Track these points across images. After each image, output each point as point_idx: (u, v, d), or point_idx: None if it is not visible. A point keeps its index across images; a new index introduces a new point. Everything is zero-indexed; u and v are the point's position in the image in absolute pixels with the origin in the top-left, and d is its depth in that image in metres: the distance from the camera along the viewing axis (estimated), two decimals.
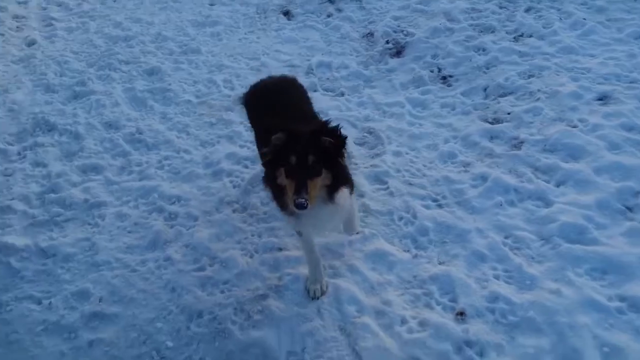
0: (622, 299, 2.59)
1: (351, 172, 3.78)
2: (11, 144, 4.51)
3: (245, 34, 6.00)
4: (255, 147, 3.42)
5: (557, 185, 3.34)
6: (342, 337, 2.65)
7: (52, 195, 3.86)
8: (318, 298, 2.83)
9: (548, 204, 3.21)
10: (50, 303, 3.05)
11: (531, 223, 3.12)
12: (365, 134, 4.24)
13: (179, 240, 3.40)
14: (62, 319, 2.96)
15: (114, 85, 5.23)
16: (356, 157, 3.97)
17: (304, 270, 3.01)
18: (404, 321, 2.70)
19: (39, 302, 3.08)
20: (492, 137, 3.90)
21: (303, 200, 2.18)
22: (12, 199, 3.86)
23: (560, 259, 2.86)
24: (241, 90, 4.95)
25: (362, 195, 3.53)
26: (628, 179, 3.21)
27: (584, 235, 2.95)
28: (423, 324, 2.67)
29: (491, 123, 4.05)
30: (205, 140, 4.38)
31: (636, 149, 3.44)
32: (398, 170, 3.73)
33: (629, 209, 3.06)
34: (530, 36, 4.94)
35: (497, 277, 2.86)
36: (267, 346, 2.68)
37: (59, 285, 3.17)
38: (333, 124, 2.31)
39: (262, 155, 2.49)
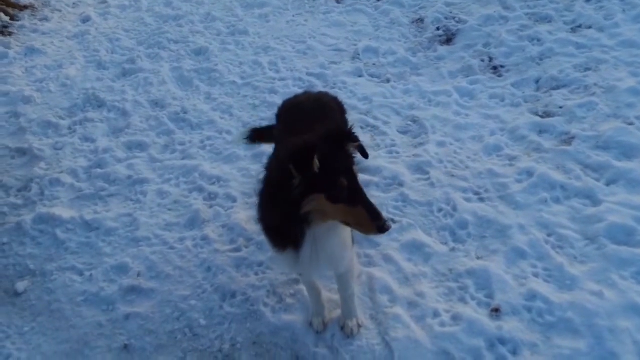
0: None
1: (392, 160, 3.78)
2: (62, 119, 4.68)
3: (293, 16, 5.99)
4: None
5: (608, 184, 3.17)
6: (373, 326, 2.63)
7: (99, 170, 3.99)
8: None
9: (596, 203, 3.06)
10: (91, 275, 3.17)
11: (576, 222, 2.98)
12: (409, 123, 4.17)
13: (217, 220, 3.45)
14: (101, 291, 3.07)
15: (162, 64, 5.34)
16: (398, 146, 3.90)
17: None
18: (436, 314, 2.65)
19: (81, 274, 3.20)
20: (541, 131, 3.75)
21: (388, 221, 1.90)
22: (62, 172, 4.01)
23: (605, 261, 2.73)
24: (286, 73, 4.99)
25: (401, 185, 3.48)
26: None
27: (633, 237, 2.81)
28: (456, 318, 2.62)
29: (541, 117, 3.89)
30: (248, 122, 4.40)
31: None
32: (440, 161, 3.64)
33: None
34: (590, 27, 4.69)
35: (536, 275, 2.77)
36: (297, 330, 2.69)
37: (100, 258, 3.28)
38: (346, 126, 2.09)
39: (284, 186, 1.91)
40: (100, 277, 3.16)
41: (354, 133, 2.03)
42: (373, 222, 1.88)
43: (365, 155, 2.14)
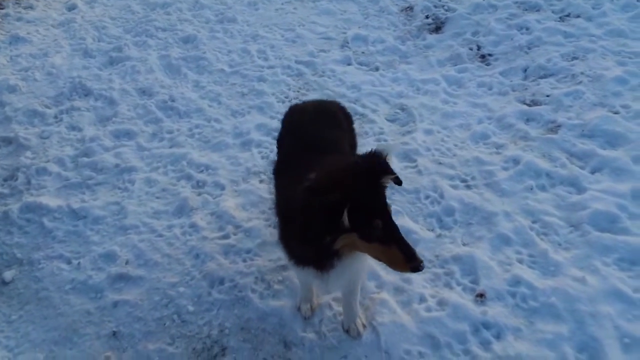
0: None
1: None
2: (49, 107, 4.64)
3: (282, 4, 5.95)
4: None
5: (592, 172, 3.22)
6: (360, 312, 2.66)
7: (85, 159, 3.96)
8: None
9: (580, 190, 3.11)
10: (79, 263, 3.17)
11: (561, 209, 3.03)
12: (398, 111, 4.18)
13: (205, 208, 3.45)
14: (89, 279, 3.07)
15: (150, 52, 5.29)
16: (387, 133, 3.92)
17: None
18: (422, 299, 2.69)
19: (69, 262, 3.20)
20: (528, 120, 3.78)
21: (423, 262, 1.86)
22: (48, 161, 3.98)
23: (588, 247, 2.78)
24: (275, 61, 4.97)
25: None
26: None
27: (616, 225, 2.86)
28: (442, 303, 2.65)
29: (528, 105, 3.92)
30: (236, 110, 4.39)
31: None
32: (428, 149, 3.66)
33: None
34: (578, 17, 4.72)
35: (520, 262, 2.81)
36: (285, 316, 2.72)
37: (87, 246, 3.28)
38: (378, 153, 1.92)
39: (313, 230, 1.85)
40: (88, 265, 3.16)
41: (389, 165, 1.90)
42: (407, 263, 1.84)
43: (399, 182, 1.99)
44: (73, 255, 3.23)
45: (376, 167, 1.88)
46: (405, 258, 1.83)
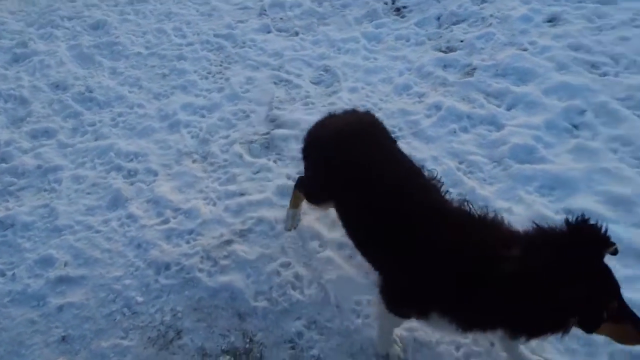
0: (568, 211, 2.70)
1: (309, 111, 3.81)
2: None
3: None
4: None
5: (508, 109, 3.40)
6: (307, 273, 2.73)
7: (3, 165, 3.74)
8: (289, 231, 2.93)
9: (499, 127, 3.28)
10: (14, 274, 3.03)
11: (483, 147, 3.19)
12: (321, 73, 4.21)
13: (140, 196, 3.38)
14: (27, 288, 2.94)
15: (58, 43, 5.01)
16: (313, 96, 3.94)
17: (266, 212, 3.06)
18: None
19: (3, 274, 3.05)
20: (445, 66, 3.91)
21: None
22: None
23: (511, 179, 2.96)
24: (193, 37, 4.85)
25: None
26: (574, 98, 3.29)
27: (533, 155, 3.05)
28: None
29: (444, 52, 4.05)
30: (159, 92, 4.28)
31: (583, 68, 3.51)
32: (354, 106, 3.72)
33: (575, 126, 3.16)
34: None
35: None
36: (235, 289, 2.74)
37: (20, 255, 3.13)
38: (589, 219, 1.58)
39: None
40: (24, 274, 3.03)
41: (609, 235, 1.58)
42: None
43: (615, 253, 1.63)
44: (6, 267, 3.09)
45: (599, 239, 1.58)
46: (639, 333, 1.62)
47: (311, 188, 2.66)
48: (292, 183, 3.19)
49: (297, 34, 4.75)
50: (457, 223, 1.82)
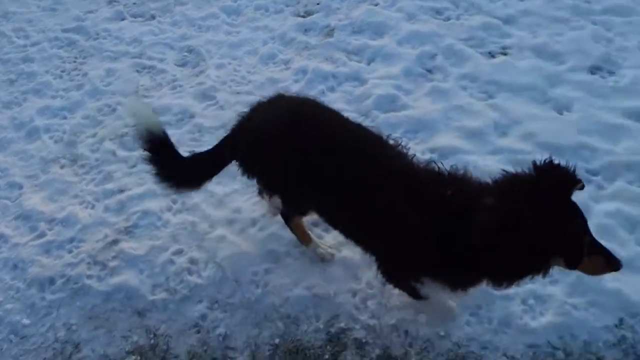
0: (432, 150, 2.94)
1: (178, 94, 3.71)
2: None
3: None
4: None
5: (368, 63, 3.56)
6: (201, 255, 2.71)
7: None
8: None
9: (363, 82, 3.43)
10: None
11: (351, 103, 3.32)
12: (185, 54, 4.10)
13: (6, 214, 3.11)
14: None
15: None
16: (180, 79, 3.84)
17: (150, 204, 2.97)
18: (254, 222, 2.80)
19: None
20: (306, 30, 3.98)
21: (620, 261, 1.70)
22: None
23: (379, 129, 3.11)
24: (39, 36, 4.48)
25: (192, 116, 3.48)
26: (425, 44, 3.53)
27: (395, 103, 3.23)
28: (271, 219, 2.79)
29: (303, 16, 4.12)
30: (9, 100, 3.94)
31: (429, 15, 3.78)
32: (224, 82, 3.70)
33: (429, 71, 3.41)
34: None
35: None
36: (130, 288, 2.65)
37: None
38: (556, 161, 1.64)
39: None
40: None
41: (576, 173, 1.64)
42: (609, 268, 1.70)
43: (582, 187, 1.69)
44: None
45: (567, 179, 1.63)
46: (609, 266, 1.69)
47: (297, 198, 2.31)
48: None
49: (153, 17, 4.55)
50: (429, 185, 1.81)
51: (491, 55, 3.44)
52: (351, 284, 2.50)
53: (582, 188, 1.65)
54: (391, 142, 2.04)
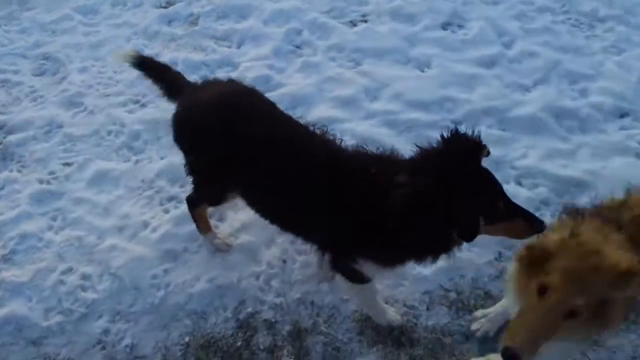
0: (312, 124, 2.93)
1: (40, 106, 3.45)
2: None
3: None
4: None
5: (239, 47, 3.56)
6: (93, 269, 2.59)
7: None
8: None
9: (235, 66, 3.43)
10: None
11: None
12: (42, 61, 3.83)
13: None
14: None
15: None
16: (40, 89, 3.57)
17: (27, 226, 2.76)
18: (146, 225, 2.73)
19: None
20: (170, 21, 3.89)
21: (543, 221, 1.74)
22: None
23: None
24: None
25: (61, 126, 3.27)
26: (290, 21, 3.61)
27: (270, 83, 3.27)
28: (162, 218, 2.73)
29: (165, 7, 4.03)
30: None
31: None
32: (90, 87, 3.52)
33: (298, 47, 3.49)
34: None
35: None
36: (19, 318, 2.46)
37: None
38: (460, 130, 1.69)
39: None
40: None
41: (480, 140, 1.68)
42: (531, 230, 1.71)
43: (488, 153, 1.75)
44: None
45: (473, 146, 1.66)
46: (530, 227, 1.71)
47: (210, 188, 2.32)
48: (47, 186, 2.94)
49: None
50: (356, 166, 1.83)
51: (353, 24, 3.59)
52: (253, 267, 2.53)
53: (488, 154, 1.72)
54: (317, 130, 2.05)
